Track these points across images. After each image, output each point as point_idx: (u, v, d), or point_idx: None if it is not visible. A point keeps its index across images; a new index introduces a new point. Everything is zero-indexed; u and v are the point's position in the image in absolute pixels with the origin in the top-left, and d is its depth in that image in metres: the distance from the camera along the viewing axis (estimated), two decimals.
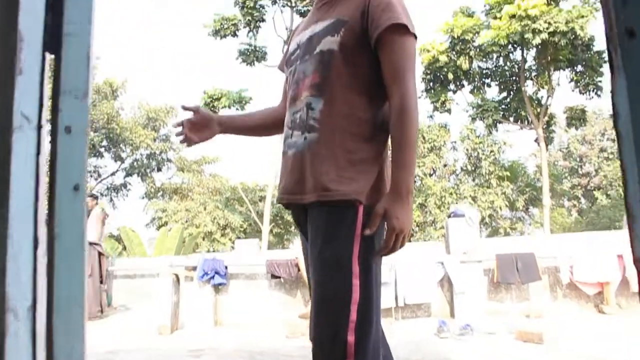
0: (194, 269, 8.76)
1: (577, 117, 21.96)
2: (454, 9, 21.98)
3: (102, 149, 29.14)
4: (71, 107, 0.89)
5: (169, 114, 29.59)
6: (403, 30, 1.87)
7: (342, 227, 1.79)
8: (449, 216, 8.71)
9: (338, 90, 1.89)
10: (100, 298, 9.75)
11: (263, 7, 18.98)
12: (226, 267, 8.85)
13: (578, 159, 33.20)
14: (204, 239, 25.77)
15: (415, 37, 1.93)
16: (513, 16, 18.25)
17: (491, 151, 21.15)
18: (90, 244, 9.36)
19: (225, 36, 18.75)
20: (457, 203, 19.69)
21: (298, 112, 1.97)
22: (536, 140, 21.41)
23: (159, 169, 30.71)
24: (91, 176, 30.22)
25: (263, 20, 19.13)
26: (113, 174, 30.76)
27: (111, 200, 30.67)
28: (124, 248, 19.80)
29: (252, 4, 18.35)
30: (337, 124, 1.88)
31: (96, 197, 11.89)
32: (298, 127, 1.96)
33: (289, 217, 28.35)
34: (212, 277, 8.67)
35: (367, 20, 1.89)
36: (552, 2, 18.81)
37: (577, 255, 7.68)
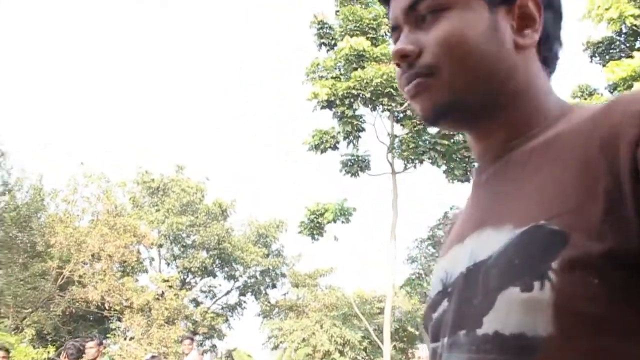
0: None
1: None
2: (572, 87, 20.03)
3: (215, 269, 29.07)
4: None
5: (278, 228, 29.24)
6: None
7: None
8: None
9: None
10: None
11: (361, 117, 18.29)
12: None
13: None
14: (322, 358, 24.40)
15: None
16: None
17: None
18: None
19: (325, 150, 18.11)
20: None
21: None
22: None
23: (274, 286, 30.10)
24: (206, 296, 30.12)
25: (362, 130, 18.37)
26: (227, 293, 30.49)
27: (227, 320, 30.21)
28: None
29: (351, 113, 17.70)
30: None
31: (192, 339, 11.02)
32: None
33: (412, 328, 26.35)
34: None
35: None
36: None
37: None
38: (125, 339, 20.71)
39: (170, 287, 21.32)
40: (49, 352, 18.48)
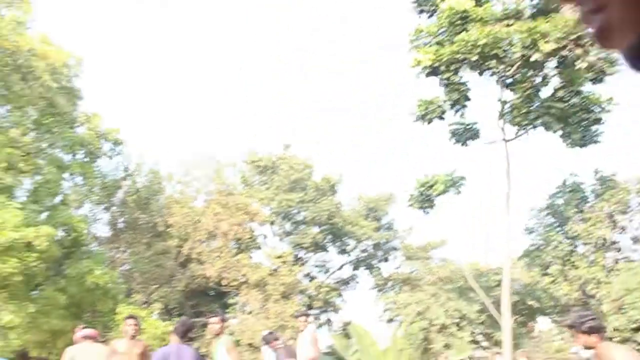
0: None
1: None
2: None
3: (327, 244, 29.35)
4: None
5: (388, 201, 28.97)
6: None
7: None
8: None
9: None
10: None
11: (466, 84, 17.45)
12: None
13: None
14: (439, 332, 23.99)
15: None
16: None
17: None
18: None
19: (431, 120, 17.50)
20: None
21: None
22: None
23: (386, 259, 29.97)
24: (319, 271, 30.54)
25: (468, 99, 17.52)
26: (340, 267, 30.72)
27: (341, 294, 30.52)
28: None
29: (457, 79, 16.93)
30: None
31: (308, 315, 11.05)
32: None
33: (531, 301, 25.25)
34: None
35: None
36: None
37: None
38: (243, 313, 21.47)
39: (284, 262, 21.78)
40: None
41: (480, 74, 17.44)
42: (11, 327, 13.24)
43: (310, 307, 24.40)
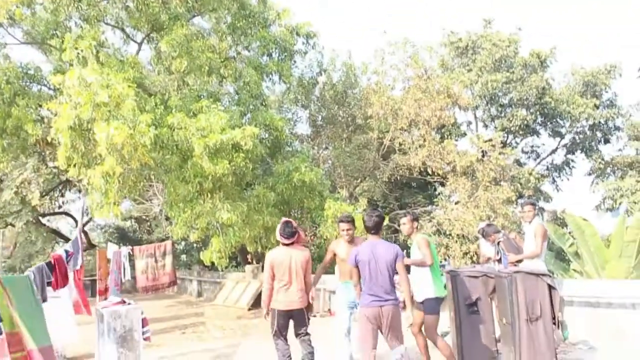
0: None
1: None
2: None
3: (538, 127, 26.82)
4: None
5: (610, 74, 25.27)
6: None
7: None
8: None
9: None
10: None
11: None
12: None
13: None
14: None
15: None
16: None
17: None
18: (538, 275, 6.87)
19: None
20: None
21: None
22: None
23: (607, 141, 26.66)
24: (529, 157, 28.33)
25: None
26: (553, 152, 28.12)
27: (553, 181, 28.12)
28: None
29: None
30: None
31: (534, 205, 9.59)
32: None
33: None
34: None
35: None
36: None
37: None
38: (450, 203, 20.48)
39: (493, 146, 20.14)
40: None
41: None
42: (229, 224, 13.72)
43: (520, 195, 22.64)
